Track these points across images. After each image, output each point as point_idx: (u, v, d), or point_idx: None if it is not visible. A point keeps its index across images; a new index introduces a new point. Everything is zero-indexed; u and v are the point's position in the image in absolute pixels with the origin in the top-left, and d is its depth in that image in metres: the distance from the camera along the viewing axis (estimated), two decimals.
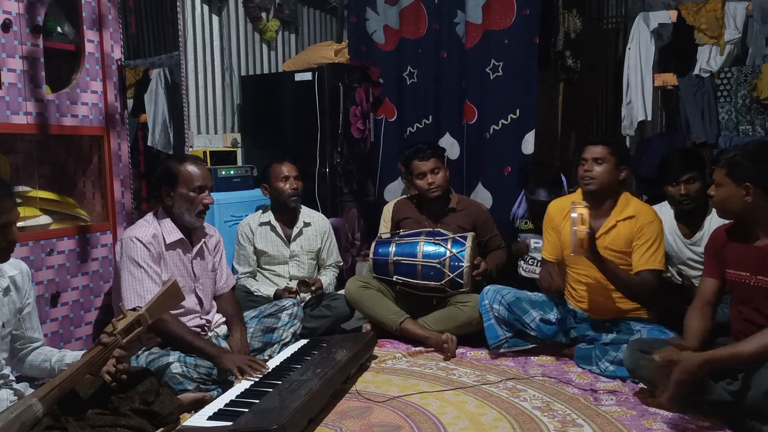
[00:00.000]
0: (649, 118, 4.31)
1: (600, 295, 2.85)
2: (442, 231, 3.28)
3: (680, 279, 3.05)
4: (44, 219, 2.67)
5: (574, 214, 2.54)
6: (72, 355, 2.08)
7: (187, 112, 3.87)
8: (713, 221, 2.88)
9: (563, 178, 3.61)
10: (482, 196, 4.12)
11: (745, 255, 2.20)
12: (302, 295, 3.26)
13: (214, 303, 2.80)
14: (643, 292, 2.74)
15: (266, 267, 3.48)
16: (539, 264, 3.58)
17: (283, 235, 3.46)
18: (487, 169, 4.17)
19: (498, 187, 4.12)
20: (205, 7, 4.30)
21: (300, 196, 3.48)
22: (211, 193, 2.68)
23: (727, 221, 2.35)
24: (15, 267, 1.99)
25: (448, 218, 3.42)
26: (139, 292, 2.47)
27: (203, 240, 2.74)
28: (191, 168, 2.60)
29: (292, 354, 2.72)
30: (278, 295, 3.26)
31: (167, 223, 2.62)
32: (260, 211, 3.53)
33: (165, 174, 2.61)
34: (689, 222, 2.98)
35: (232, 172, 3.99)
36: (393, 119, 4.53)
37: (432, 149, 3.42)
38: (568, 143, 5.02)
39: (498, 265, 3.41)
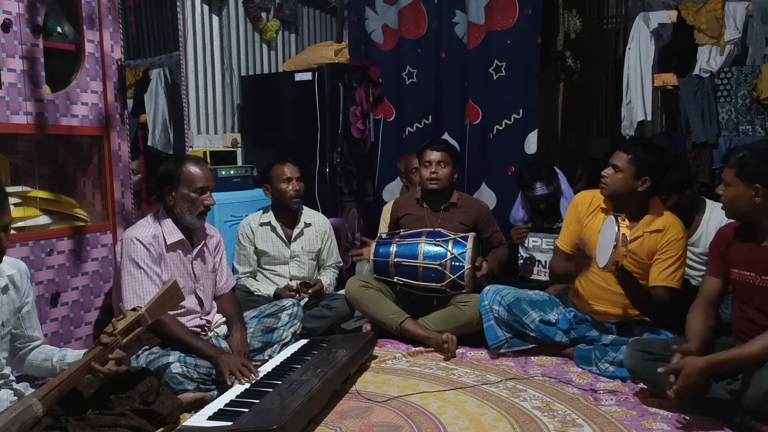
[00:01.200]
0: (649, 118, 4.31)
1: (609, 300, 2.82)
2: (442, 231, 3.28)
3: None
4: (44, 219, 2.67)
5: (615, 228, 2.42)
6: (73, 354, 2.08)
7: (187, 112, 3.86)
8: (709, 223, 2.88)
9: (558, 171, 3.62)
10: (486, 196, 4.12)
11: (752, 255, 2.19)
12: (303, 295, 3.27)
13: (214, 303, 2.80)
14: (654, 308, 2.70)
15: (266, 267, 3.48)
16: (538, 264, 3.58)
17: (283, 236, 3.46)
18: (491, 168, 4.17)
19: (502, 186, 4.12)
20: (205, 7, 4.29)
21: (302, 198, 3.48)
22: (212, 194, 2.68)
23: (730, 220, 2.34)
24: (13, 266, 1.99)
25: (449, 213, 3.41)
26: (138, 292, 2.47)
27: (204, 241, 2.74)
28: (193, 169, 2.60)
29: (292, 354, 2.72)
30: (278, 294, 3.26)
31: (168, 223, 2.61)
32: (261, 210, 3.53)
33: (167, 174, 2.60)
34: (685, 223, 2.97)
35: (232, 172, 3.99)
36: (391, 119, 4.53)
37: (446, 144, 3.47)
38: (568, 143, 5.01)
39: (500, 263, 3.41)
